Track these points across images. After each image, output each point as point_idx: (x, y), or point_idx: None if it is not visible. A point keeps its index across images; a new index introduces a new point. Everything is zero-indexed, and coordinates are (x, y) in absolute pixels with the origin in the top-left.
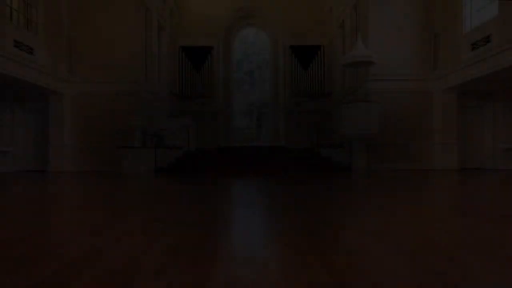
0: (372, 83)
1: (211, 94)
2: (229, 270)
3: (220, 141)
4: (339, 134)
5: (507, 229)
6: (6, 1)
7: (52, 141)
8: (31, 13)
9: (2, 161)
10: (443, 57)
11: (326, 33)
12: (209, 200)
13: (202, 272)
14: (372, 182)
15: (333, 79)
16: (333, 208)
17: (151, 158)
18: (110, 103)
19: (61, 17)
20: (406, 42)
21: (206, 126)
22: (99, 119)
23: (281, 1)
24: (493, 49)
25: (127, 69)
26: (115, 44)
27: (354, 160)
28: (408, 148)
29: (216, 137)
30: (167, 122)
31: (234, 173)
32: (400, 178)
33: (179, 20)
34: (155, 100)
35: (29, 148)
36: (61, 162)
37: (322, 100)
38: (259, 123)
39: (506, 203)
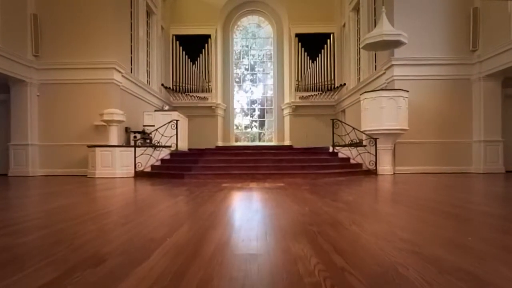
0: (398, 69)
1: (208, 88)
2: None
3: (217, 140)
4: (360, 130)
5: None
6: None
7: (14, 139)
8: None
9: None
10: (485, 37)
11: (336, 19)
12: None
13: None
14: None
15: (345, 70)
16: None
17: (130, 160)
18: (84, 93)
19: None
20: (438, 19)
21: (202, 124)
22: (71, 112)
23: None
24: None
25: (106, 55)
26: (91, 25)
27: (379, 161)
28: (442, 148)
29: (214, 136)
30: (155, 118)
31: (235, 180)
32: (457, 185)
33: (172, 5)
34: (142, 92)
35: None
36: (26, 164)
37: (333, 94)
38: (262, 120)
39: None
